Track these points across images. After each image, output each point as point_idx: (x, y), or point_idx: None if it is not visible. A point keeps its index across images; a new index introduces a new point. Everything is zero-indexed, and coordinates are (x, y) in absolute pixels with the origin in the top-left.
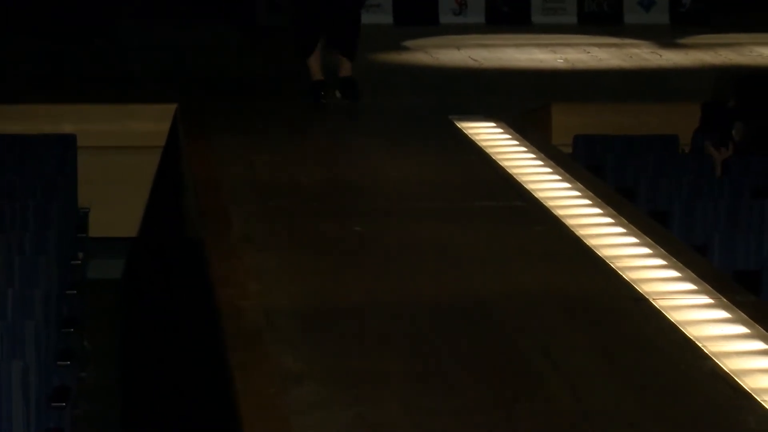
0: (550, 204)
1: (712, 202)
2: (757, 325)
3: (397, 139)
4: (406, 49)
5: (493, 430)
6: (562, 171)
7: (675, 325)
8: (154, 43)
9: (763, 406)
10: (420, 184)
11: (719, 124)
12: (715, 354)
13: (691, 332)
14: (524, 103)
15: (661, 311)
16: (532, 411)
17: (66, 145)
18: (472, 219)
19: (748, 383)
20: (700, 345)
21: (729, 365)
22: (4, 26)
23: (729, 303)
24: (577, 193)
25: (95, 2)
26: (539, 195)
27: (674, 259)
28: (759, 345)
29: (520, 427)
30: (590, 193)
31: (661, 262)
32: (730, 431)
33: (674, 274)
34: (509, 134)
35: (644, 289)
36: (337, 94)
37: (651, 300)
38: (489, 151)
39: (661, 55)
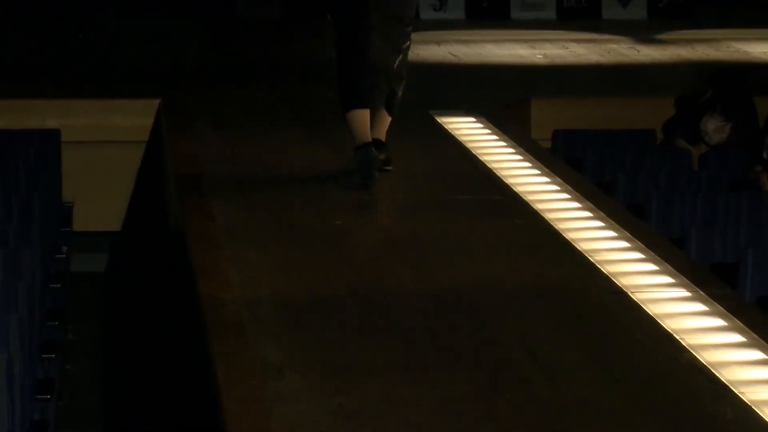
0: (529, 198)
1: (690, 196)
2: (734, 318)
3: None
4: None
5: (473, 421)
6: (541, 165)
7: (653, 318)
8: (136, 37)
9: (740, 398)
10: (400, 177)
11: (691, 118)
12: (692, 346)
13: (669, 325)
14: (504, 98)
15: (639, 304)
16: (512, 401)
17: (50, 139)
18: (452, 212)
19: (725, 375)
20: (677, 337)
21: (706, 357)
22: None
23: (706, 296)
24: (556, 187)
25: None
26: (518, 189)
27: (652, 253)
28: (736, 337)
29: (501, 417)
30: (569, 187)
31: (639, 255)
32: (708, 422)
33: (652, 267)
34: (489, 129)
35: (622, 282)
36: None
37: (629, 293)
38: (469, 145)
39: (638, 51)
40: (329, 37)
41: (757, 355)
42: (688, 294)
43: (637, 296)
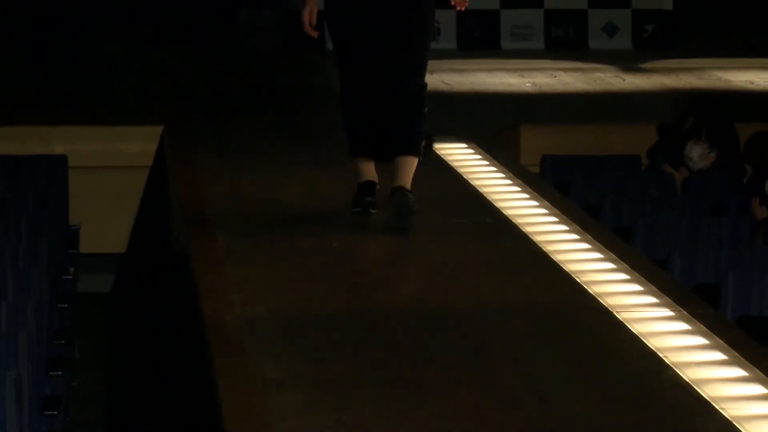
0: (518, 221)
1: (673, 219)
2: (716, 337)
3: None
4: None
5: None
6: (530, 189)
7: (637, 337)
8: (141, 66)
9: (722, 414)
10: None
11: (675, 144)
12: (676, 364)
13: (653, 343)
14: (494, 125)
15: (624, 323)
16: (502, 416)
17: (57, 165)
18: (444, 234)
19: (708, 392)
20: (661, 355)
21: (689, 375)
22: None
23: (689, 315)
24: (545, 211)
25: (84, 26)
26: (508, 212)
27: (637, 274)
28: (718, 355)
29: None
30: (557, 211)
31: (624, 276)
32: None
33: (637, 287)
34: (480, 154)
35: (608, 302)
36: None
37: (615, 312)
38: (461, 170)
39: (624, 79)
40: (328, 66)
41: (738, 372)
42: (672, 313)
43: (622, 315)
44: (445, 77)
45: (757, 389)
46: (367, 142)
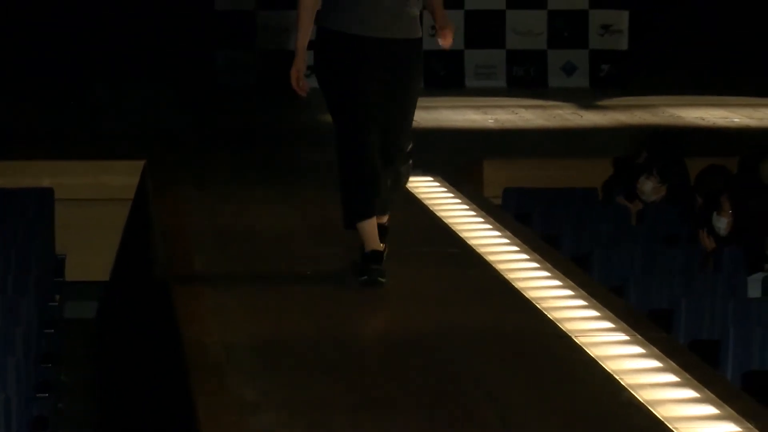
0: (482, 250)
1: (628, 249)
2: (669, 360)
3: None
4: None
5: None
6: (493, 220)
7: (595, 360)
8: (123, 104)
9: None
10: None
11: (629, 177)
12: (631, 386)
13: (610, 366)
14: (459, 160)
15: (582, 347)
16: (460, 420)
17: (44, 197)
18: (412, 263)
19: (662, 412)
20: (617, 378)
21: (644, 396)
22: None
23: (644, 339)
24: (507, 241)
25: (70, 66)
26: (473, 242)
27: (594, 300)
28: (671, 377)
29: None
30: (518, 241)
31: (582, 302)
32: None
33: (594, 313)
34: (446, 187)
35: (567, 327)
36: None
37: (573, 337)
38: (428, 202)
39: (581, 116)
40: (300, 104)
41: (690, 393)
42: (627, 338)
43: (580, 340)
44: None
45: (709, 410)
46: (368, 200)
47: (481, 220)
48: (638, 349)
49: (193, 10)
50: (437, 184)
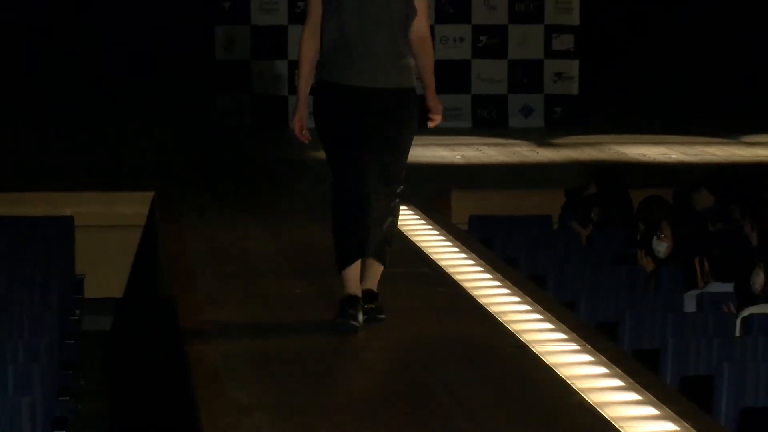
0: (450, 270)
1: (580, 268)
2: (615, 366)
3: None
4: None
5: None
6: (460, 244)
7: (550, 367)
8: (133, 140)
9: (620, 431)
10: None
11: (580, 206)
12: (581, 390)
13: (563, 372)
14: (429, 191)
15: (538, 355)
16: (431, 421)
17: (65, 224)
18: (389, 281)
19: (608, 413)
20: (569, 382)
21: (593, 399)
22: (10, 124)
23: (592, 348)
24: (472, 262)
25: (87, 109)
26: (442, 263)
27: (549, 314)
28: (616, 382)
29: None
30: (482, 261)
31: (538, 316)
32: None
33: (549, 325)
34: (418, 215)
35: (525, 337)
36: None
37: (531, 346)
38: (402, 228)
39: (537, 152)
40: (289, 141)
41: (633, 396)
42: (578, 347)
43: (537, 349)
44: None
45: (650, 410)
46: (353, 248)
47: (450, 243)
48: (588, 357)
49: (196, 60)
50: (411, 212)
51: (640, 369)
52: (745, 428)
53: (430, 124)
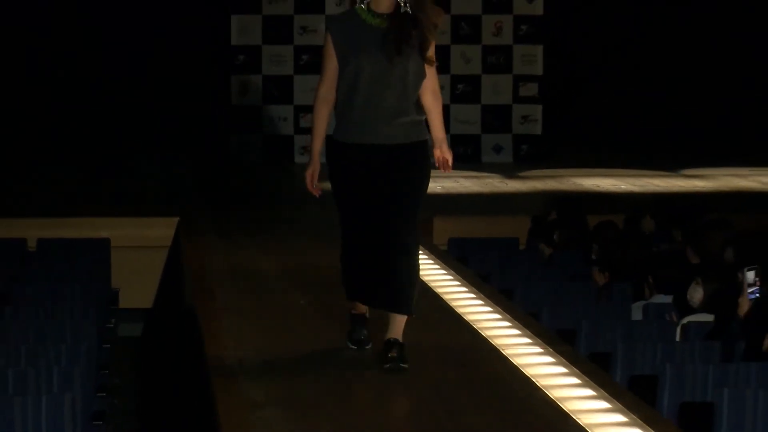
0: (431, 284)
1: (543, 282)
2: (573, 366)
3: (325, 239)
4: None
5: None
6: (441, 262)
7: (517, 367)
8: (160, 174)
9: (578, 422)
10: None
11: (544, 229)
12: (544, 386)
13: (528, 371)
14: None
15: (507, 357)
16: (421, 421)
17: (102, 245)
18: None
19: (567, 406)
20: (534, 380)
21: (554, 394)
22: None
23: (553, 351)
24: (450, 277)
25: (120, 147)
26: (424, 278)
27: (516, 322)
28: (574, 380)
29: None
30: (459, 277)
31: (507, 323)
32: None
33: (516, 332)
34: None
35: (496, 342)
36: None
37: (500, 349)
38: None
39: (507, 184)
40: (295, 176)
41: (588, 392)
42: (541, 350)
43: (506, 352)
44: None
45: (602, 404)
46: (363, 292)
47: (431, 261)
48: (549, 359)
49: (214, 104)
50: None
51: (594, 369)
52: (684, 420)
53: (443, 170)
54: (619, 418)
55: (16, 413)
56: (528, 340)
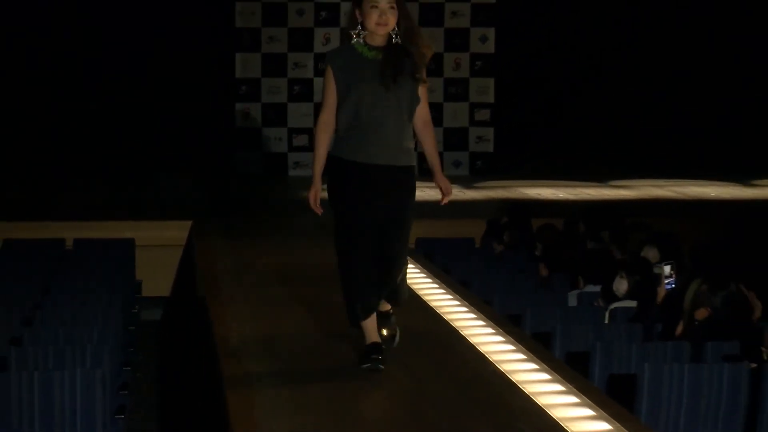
0: None
1: (496, 274)
2: (519, 344)
3: (314, 240)
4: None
5: (371, 407)
6: (410, 258)
7: (473, 345)
8: (175, 186)
9: (524, 392)
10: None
11: (496, 231)
12: (495, 361)
13: (482, 349)
14: None
15: (464, 337)
16: (397, 399)
17: (128, 244)
18: None
19: (514, 377)
20: (487, 356)
21: (503, 367)
22: (84, 174)
23: (504, 332)
24: (418, 271)
25: (142, 160)
26: None
27: (473, 307)
28: (520, 356)
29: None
30: (426, 270)
31: (465, 309)
32: (505, 406)
33: (473, 316)
34: None
35: (456, 325)
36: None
37: (460, 331)
38: None
39: (465, 193)
40: (289, 186)
41: (532, 366)
42: (493, 331)
43: (463, 332)
44: None
45: (544, 376)
46: (363, 307)
47: None
48: (500, 338)
49: (223, 127)
50: None
51: (537, 347)
52: (611, 389)
53: (444, 201)
54: (558, 387)
55: (56, 385)
56: (482, 323)
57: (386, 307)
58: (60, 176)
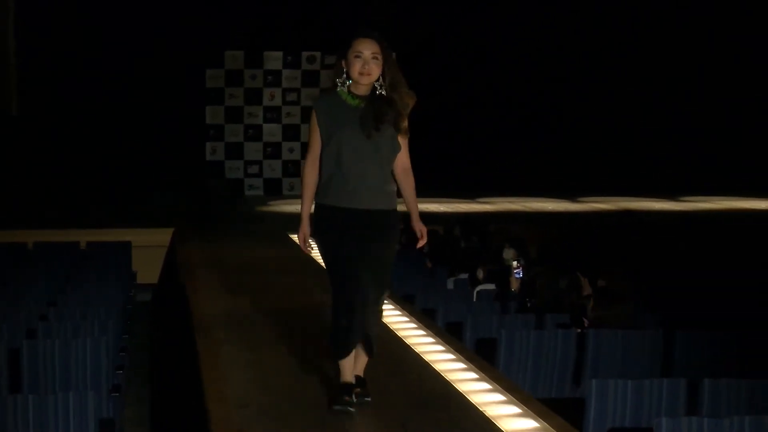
0: None
1: (394, 266)
2: (411, 317)
3: (267, 241)
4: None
5: (323, 377)
6: None
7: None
8: (162, 203)
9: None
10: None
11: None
12: (413, 345)
13: (419, 349)
14: None
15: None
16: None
17: (126, 245)
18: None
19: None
20: (403, 339)
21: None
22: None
23: (401, 308)
24: None
25: (136, 181)
26: None
27: (414, 318)
28: (412, 326)
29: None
30: None
31: (406, 319)
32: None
33: (414, 326)
34: None
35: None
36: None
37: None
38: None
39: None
40: (249, 201)
41: (421, 332)
42: (433, 340)
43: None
44: None
45: (430, 340)
46: (349, 345)
47: None
48: (397, 312)
49: (196, 160)
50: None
51: (424, 318)
52: (479, 350)
53: (419, 245)
54: (439, 347)
55: (71, 351)
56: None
57: (361, 365)
58: (77, 194)
